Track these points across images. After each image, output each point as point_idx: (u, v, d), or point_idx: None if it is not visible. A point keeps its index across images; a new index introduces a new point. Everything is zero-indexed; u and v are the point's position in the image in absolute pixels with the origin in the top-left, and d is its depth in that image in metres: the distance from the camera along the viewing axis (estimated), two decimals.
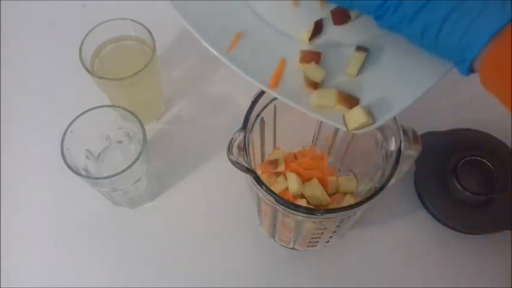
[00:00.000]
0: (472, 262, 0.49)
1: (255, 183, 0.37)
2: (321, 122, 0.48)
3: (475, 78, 0.65)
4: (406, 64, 0.35)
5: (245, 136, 0.38)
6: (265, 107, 0.42)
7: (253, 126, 0.41)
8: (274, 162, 0.46)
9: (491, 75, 0.31)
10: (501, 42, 0.29)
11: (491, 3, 0.29)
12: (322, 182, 0.46)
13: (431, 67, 0.34)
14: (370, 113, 0.34)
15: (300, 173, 0.46)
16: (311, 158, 0.49)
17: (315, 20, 0.36)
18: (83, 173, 0.46)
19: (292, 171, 0.46)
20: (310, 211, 0.37)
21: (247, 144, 0.39)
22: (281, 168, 0.46)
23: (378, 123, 0.34)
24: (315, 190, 0.45)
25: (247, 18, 0.37)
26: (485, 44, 0.29)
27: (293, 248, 0.49)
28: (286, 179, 0.46)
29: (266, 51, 0.36)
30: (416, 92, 0.35)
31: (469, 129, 0.54)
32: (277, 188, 0.45)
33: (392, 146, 0.39)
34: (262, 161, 0.49)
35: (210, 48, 0.36)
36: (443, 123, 0.55)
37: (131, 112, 0.46)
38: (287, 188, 0.46)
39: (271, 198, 0.37)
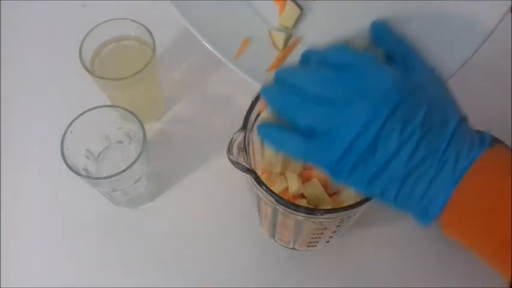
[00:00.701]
0: (472, 262, 0.49)
1: (255, 183, 0.37)
2: None
3: (475, 77, 0.65)
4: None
5: (245, 136, 0.38)
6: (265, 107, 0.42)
7: (253, 126, 0.41)
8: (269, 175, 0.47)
9: (450, 228, 0.32)
10: (454, 207, 0.30)
11: (446, 165, 0.29)
12: (322, 182, 0.46)
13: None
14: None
15: (300, 173, 0.46)
16: None
17: None
18: (83, 173, 0.46)
19: None
20: (310, 211, 0.37)
21: (247, 144, 0.39)
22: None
23: None
24: (315, 190, 0.45)
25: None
26: (444, 206, 0.30)
27: (293, 248, 0.49)
28: (286, 179, 0.46)
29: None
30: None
31: None
32: (277, 188, 0.45)
33: None
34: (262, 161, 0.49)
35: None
36: None
37: (131, 112, 0.46)
38: (287, 188, 0.46)
39: (271, 198, 0.37)
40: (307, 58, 0.35)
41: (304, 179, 0.47)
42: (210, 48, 0.36)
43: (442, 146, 0.29)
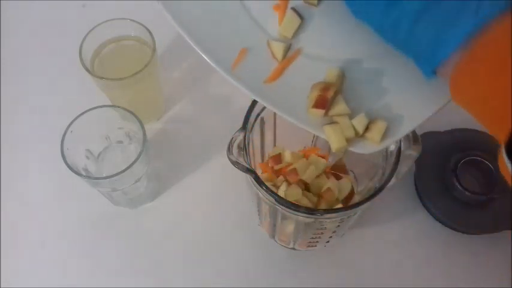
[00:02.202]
0: (472, 262, 0.49)
1: (255, 183, 0.37)
2: None
3: None
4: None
5: (245, 136, 0.38)
6: (265, 107, 0.42)
7: (253, 126, 0.41)
8: (278, 157, 0.46)
9: (462, 84, 0.29)
10: (473, 51, 0.27)
11: (469, 5, 0.27)
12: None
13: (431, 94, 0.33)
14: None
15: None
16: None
17: None
18: (83, 173, 0.46)
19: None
20: (310, 211, 0.37)
21: (247, 144, 0.39)
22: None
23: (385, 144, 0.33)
24: (312, 169, 0.45)
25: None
26: (459, 46, 0.28)
27: (293, 248, 0.49)
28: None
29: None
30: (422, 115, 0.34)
31: (469, 129, 0.54)
32: (281, 191, 0.44)
33: (392, 146, 0.39)
34: (262, 161, 0.49)
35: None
36: (443, 123, 0.55)
37: (131, 112, 0.46)
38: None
39: (271, 198, 0.37)
40: None
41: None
42: (205, 58, 0.35)
43: None
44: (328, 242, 0.47)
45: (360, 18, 0.31)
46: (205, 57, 0.35)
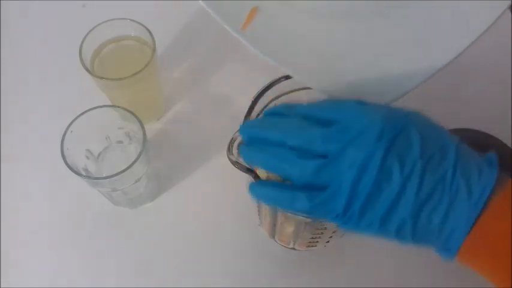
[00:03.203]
0: None
1: None
2: None
3: (475, 77, 0.65)
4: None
5: None
6: (265, 107, 0.42)
7: None
8: None
9: (470, 263, 0.31)
10: (477, 235, 0.29)
11: (459, 192, 0.28)
12: None
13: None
14: None
15: None
16: None
17: None
18: (83, 173, 0.46)
19: None
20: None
21: None
22: None
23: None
24: None
25: None
26: (466, 234, 0.29)
27: (293, 248, 0.49)
28: None
29: None
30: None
31: (469, 129, 0.54)
32: None
33: None
34: None
35: None
36: (443, 123, 0.54)
37: (131, 112, 0.46)
38: None
39: None
40: (276, 113, 0.35)
41: None
42: (215, 16, 0.34)
43: (448, 172, 0.29)
44: (328, 242, 0.47)
45: (362, 234, 0.31)
46: (213, 15, 0.34)
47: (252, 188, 0.34)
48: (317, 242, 0.46)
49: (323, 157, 0.30)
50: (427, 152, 0.29)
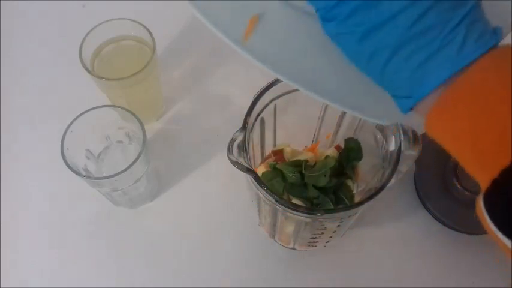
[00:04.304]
0: (471, 262, 0.49)
1: (255, 183, 0.37)
2: (321, 121, 0.48)
3: None
4: None
5: (245, 136, 0.38)
6: (265, 107, 0.42)
7: (253, 126, 0.41)
8: (279, 153, 0.46)
9: (439, 124, 0.28)
10: (454, 91, 0.26)
11: (452, 42, 0.26)
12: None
13: None
14: None
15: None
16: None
17: None
18: (83, 173, 0.46)
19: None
20: (310, 211, 0.37)
21: (247, 144, 0.39)
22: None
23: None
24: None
25: None
26: (437, 86, 0.26)
27: (293, 248, 0.49)
28: None
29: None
30: None
31: None
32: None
33: (392, 146, 0.39)
34: (263, 161, 0.49)
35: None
36: None
37: (131, 112, 0.46)
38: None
39: (271, 198, 0.37)
40: None
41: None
42: (213, 30, 0.32)
43: (453, 20, 0.26)
44: (328, 242, 0.47)
45: (335, 42, 0.29)
46: (211, 28, 0.32)
47: None
48: (317, 242, 0.46)
49: None
50: None
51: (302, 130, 0.50)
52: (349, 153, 0.46)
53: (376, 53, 0.27)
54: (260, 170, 0.48)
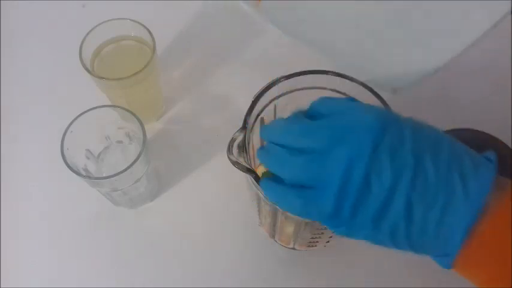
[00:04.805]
0: None
1: (255, 183, 0.37)
2: None
3: (476, 77, 0.65)
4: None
5: (245, 136, 0.38)
6: (265, 107, 0.42)
7: (253, 126, 0.41)
8: None
9: (466, 271, 0.29)
10: (476, 240, 0.27)
11: (454, 187, 0.26)
12: None
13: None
14: None
15: None
16: None
17: None
18: (83, 173, 0.46)
19: None
20: None
21: (247, 144, 0.39)
22: None
23: None
24: None
25: None
26: (465, 236, 0.27)
27: (293, 248, 0.49)
28: None
29: None
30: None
31: (469, 129, 0.54)
32: None
33: None
34: None
35: None
36: (444, 124, 0.55)
37: (131, 112, 0.46)
38: None
39: None
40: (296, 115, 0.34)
41: None
42: None
43: (442, 168, 0.27)
44: (328, 242, 0.47)
45: (355, 238, 0.30)
46: None
47: (261, 182, 0.34)
48: (317, 242, 0.46)
49: (312, 155, 0.29)
50: (420, 148, 0.27)
51: None
52: None
53: (394, 229, 0.28)
54: (260, 170, 0.48)
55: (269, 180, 0.33)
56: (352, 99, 0.33)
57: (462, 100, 0.58)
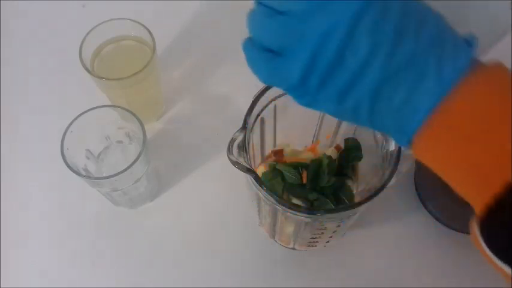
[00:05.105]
0: (472, 262, 0.49)
1: (255, 183, 0.37)
2: (321, 121, 0.48)
3: None
4: None
5: (245, 136, 0.38)
6: (265, 107, 0.42)
7: (253, 126, 0.41)
8: (279, 153, 0.46)
9: (429, 148, 0.27)
10: (444, 116, 0.25)
11: (428, 69, 0.25)
12: None
13: None
14: None
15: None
16: None
17: None
18: (83, 173, 0.46)
19: None
20: (310, 211, 0.37)
21: (247, 144, 0.39)
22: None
23: None
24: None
25: None
26: (423, 120, 0.26)
27: (293, 248, 0.49)
28: None
29: None
30: None
31: None
32: None
33: (392, 146, 0.39)
34: (262, 161, 0.49)
35: None
36: None
37: (131, 112, 0.46)
38: None
39: (271, 198, 0.37)
40: None
41: None
42: None
43: (419, 47, 0.25)
44: (328, 242, 0.47)
45: (313, 108, 0.29)
46: None
47: (244, 41, 0.30)
48: (317, 242, 0.46)
49: (288, 17, 0.27)
50: (403, 23, 0.25)
51: (302, 130, 0.50)
52: (349, 153, 0.46)
53: (358, 105, 0.27)
54: (260, 170, 0.48)
55: (249, 41, 0.30)
56: None
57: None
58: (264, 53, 0.28)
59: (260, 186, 0.37)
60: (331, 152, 0.47)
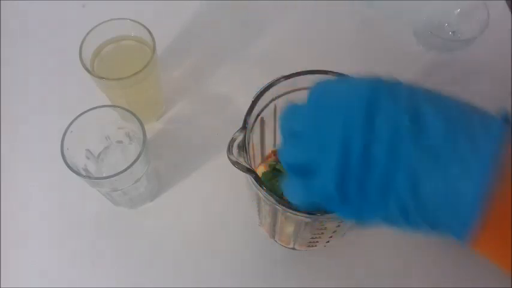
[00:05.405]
0: (471, 262, 0.49)
1: (255, 183, 0.37)
2: None
3: (475, 77, 0.65)
4: None
5: (245, 136, 0.38)
6: (265, 107, 0.42)
7: (253, 126, 0.41)
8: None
9: (486, 246, 0.26)
10: (495, 204, 0.23)
11: (463, 148, 0.23)
12: None
13: None
14: None
15: None
16: None
17: None
18: (83, 173, 0.46)
19: None
20: (310, 212, 0.37)
21: (247, 144, 0.39)
22: None
23: None
24: None
25: None
26: (480, 200, 0.23)
27: (293, 248, 0.49)
28: None
29: None
30: None
31: None
32: None
33: None
34: (262, 161, 0.49)
35: None
36: None
37: (131, 112, 0.46)
38: None
39: (271, 198, 0.37)
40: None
41: None
42: None
43: (446, 127, 0.24)
44: (328, 242, 0.47)
45: (365, 223, 0.28)
46: None
47: (284, 183, 0.31)
48: (317, 242, 0.46)
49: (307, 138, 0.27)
50: (417, 104, 0.24)
51: None
52: None
53: (404, 201, 0.25)
54: (260, 170, 0.48)
55: (288, 180, 0.30)
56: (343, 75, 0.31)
57: (461, 97, 0.58)
58: (295, 177, 0.28)
59: (260, 186, 0.37)
60: None
